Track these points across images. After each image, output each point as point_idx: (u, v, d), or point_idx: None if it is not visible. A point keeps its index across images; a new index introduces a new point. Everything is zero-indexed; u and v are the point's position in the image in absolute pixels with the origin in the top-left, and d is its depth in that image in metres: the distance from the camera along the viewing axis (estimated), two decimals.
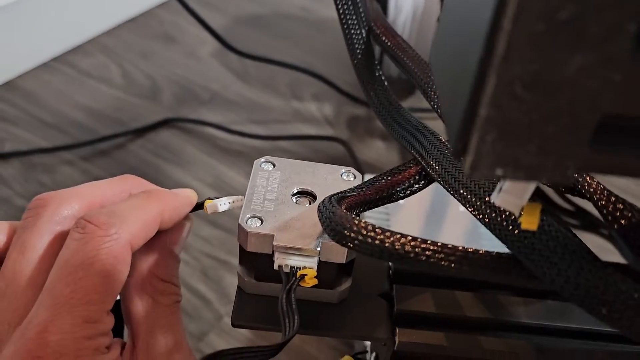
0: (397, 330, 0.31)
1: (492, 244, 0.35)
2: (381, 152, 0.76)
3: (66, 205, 0.31)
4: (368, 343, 0.39)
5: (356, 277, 0.32)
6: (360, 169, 0.73)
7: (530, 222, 0.20)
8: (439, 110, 0.32)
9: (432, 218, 0.61)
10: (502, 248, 0.25)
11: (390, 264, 0.34)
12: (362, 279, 0.33)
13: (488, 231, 0.26)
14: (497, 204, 0.20)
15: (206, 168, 0.72)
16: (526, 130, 0.16)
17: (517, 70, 0.15)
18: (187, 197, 0.34)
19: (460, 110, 0.16)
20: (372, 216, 0.63)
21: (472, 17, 0.16)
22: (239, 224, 0.30)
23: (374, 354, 0.35)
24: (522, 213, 0.20)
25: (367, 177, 0.66)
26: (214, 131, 0.77)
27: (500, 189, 0.20)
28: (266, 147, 0.76)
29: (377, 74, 0.38)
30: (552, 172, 0.16)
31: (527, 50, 0.14)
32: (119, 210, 0.30)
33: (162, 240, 0.33)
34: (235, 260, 0.62)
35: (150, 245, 0.32)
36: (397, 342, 0.31)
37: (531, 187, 0.19)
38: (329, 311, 0.32)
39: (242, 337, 0.57)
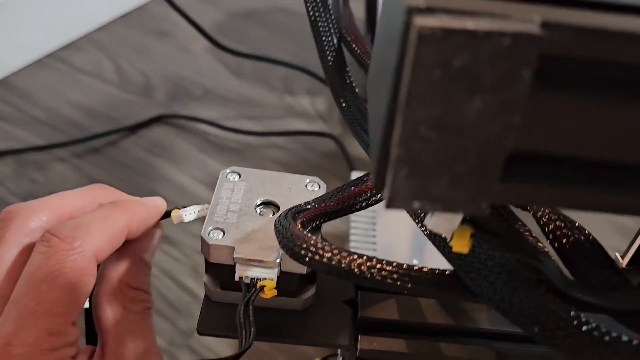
0: (359, 337, 0.32)
1: None
2: None
3: (34, 217, 0.32)
4: None
5: (322, 284, 0.33)
6: (352, 164, 0.73)
7: (461, 245, 0.20)
8: None
9: None
10: None
11: None
12: (327, 285, 0.34)
13: None
14: (430, 228, 0.20)
15: (199, 164, 0.73)
16: (436, 168, 0.16)
17: (420, 114, 0.15)
18: (156, 206, 0.34)
19: (377, 147, 0.17)
20: (361, 214, 0.63)
21: (384, 63, 0.16)
22: (201, 236, 0.30)
23: (341, 358, 0.36)
24: (453, 237, 0.20)
25: (355, 173, 0.66)
26: (206, 127, 0.78)
27: (432, 213, 0.20)
28: (259, 143, 0.77)
29: (347, 81, 0.39)
30: (467, 205, 0.17)
31: (427, 96, 0.15)
32: (84, 223, 0.30)
33: (131, 248, 0.33)
34: None
35: (120, 253, 0.33)
36: (358, 349, 0.31)
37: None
38: (293, 318, 0.33)
39: None
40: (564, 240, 0.23)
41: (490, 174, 0.16)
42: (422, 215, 0.27)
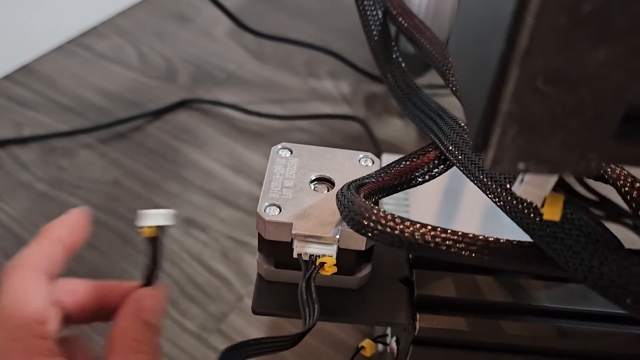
0: (418, 316, 0.31)
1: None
2: (399, 130, 0.76)
3: None
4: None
5: (376, 263, 0.32)
6: (379, 147, 0.72)
7: (552, 213, 0.19)
8: (457, 93, 0.32)
9: (453, 197, 0.61)
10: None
11: None
12: (381, 264, 0.33)
13: None
14: (519, 194, 0.19)
15: (224, 149, 0.72)
16: (548, 125, 0.15)
17: (539, 64, 0.14)
18: (75, 213, 0.36)
19: (481, 104, 0.16)
20: (394, 196, 0.62)
21: (493, 9, 0.15)
22: (257, 213, 0.30)
23: (394, 338, 0.35)
24: (545, 204, 0.19)
25: (385, 156, 0.65)
26: (231, 112, 0.77)
27: (522, 179, 0.19)
28: (283, 127, 0.76)
29: (394, 56, 0.38)
30: (576, 166, 0.16)
31: (550, 44, 0.14)
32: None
33: (134, 310, 0.33)
34: (254, 241, 0.62)
35: (123, 315, 0.33)
36: (417, 327, 0.31)
37: (553, 177, 0.19)
38: (348, 297, 0.32)
39: (263, 318, 0.57)
40: None
41: (606, 131, 0.15)
42: (494, 186, 0.26)
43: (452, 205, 0.61)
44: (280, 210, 0.30)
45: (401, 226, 0.24)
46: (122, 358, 0.31)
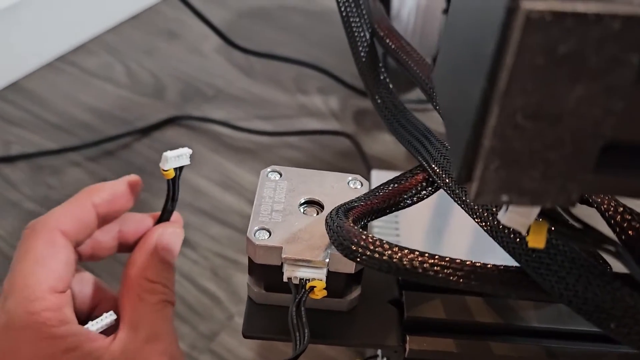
0: (408, 338, 0.31)
1: None
2: (389, 145, 0.76)
3: None
4: None
5: (365, 284, 0.33)
6: (368, 163, 0.72)
7: (537, 241, 0.20)
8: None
9: (443, 214, 0.61)
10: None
11: None
12: (371, 286, 0.33)
13: None
14: (504, 223, 0.20)
15: (213, 166, 0.72)
16: (529, 158, 0.16)
17: (518, 102, 0.15)
18: (122, 181, 0.37)
19: (464, 139, 0.16)
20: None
21: (473, 51, 0.16)
22: (247, 237, 0.30)
23: (385, 359, 0.35)
24: (529, 232, 0.20)
25: (375, 172, 0.66)
26: (220, 128, 0.77)
27: (507, 208, 0.20)
28: (273, 143, 0.76)
29: (382, 77, 0.38)
30: (557, 197, 0.16)
31: (528, 83, 0.14)
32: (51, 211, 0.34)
33: (150, 248, 0.36)
34: (244, 259, 0.62)
35: (140, 253, 0.35)
36: (407, 349, 0.31)
37: (537, 206, 0.19)
38: (338, 320, 0.32)
39: None
40: (632, 232, 0.22)
41: (585, 163, 0.16)
42: (480, 210, 0.26)
43: (442, 223, 0.61)
44: (270, 234, 0.30)
45: (389, 252, 0.24)
46: (139, 300, 0.33)
